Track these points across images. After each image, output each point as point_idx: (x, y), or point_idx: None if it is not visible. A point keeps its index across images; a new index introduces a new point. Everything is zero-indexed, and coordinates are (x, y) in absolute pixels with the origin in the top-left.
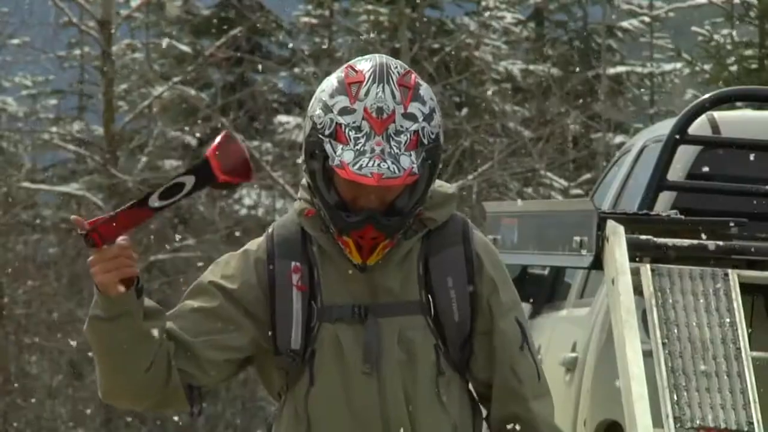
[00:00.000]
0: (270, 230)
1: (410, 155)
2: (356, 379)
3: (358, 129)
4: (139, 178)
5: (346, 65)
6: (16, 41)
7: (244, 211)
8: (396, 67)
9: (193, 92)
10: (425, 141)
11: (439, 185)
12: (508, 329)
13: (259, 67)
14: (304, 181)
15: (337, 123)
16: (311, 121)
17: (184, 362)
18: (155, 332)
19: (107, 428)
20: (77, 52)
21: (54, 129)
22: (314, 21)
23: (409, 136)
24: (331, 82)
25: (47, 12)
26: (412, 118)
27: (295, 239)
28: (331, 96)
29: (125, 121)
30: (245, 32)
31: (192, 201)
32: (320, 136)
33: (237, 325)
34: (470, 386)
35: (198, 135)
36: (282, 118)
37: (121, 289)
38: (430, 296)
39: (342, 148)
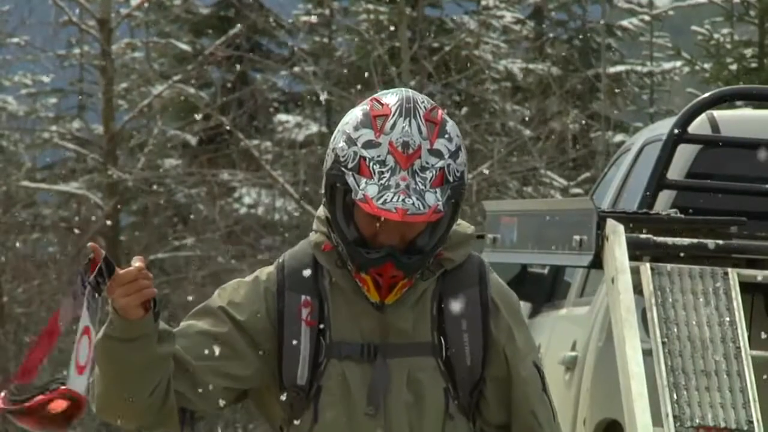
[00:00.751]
0: (281, 260)
1: (435, 192)
2: (361, 420)
3: (383, 163)
4: (138, 176)
5: (371, 98)
6: (16, 40)
7: (243, 210)
8: (422, 102)
9: (192, 91)
10: (450, 179)
11: (458, 224)
12: (528, 376)
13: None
14: (320, 212)
15: (361, 156)
16: (333, 154)
17: (182, 384)
18: (166, 357)
19: (107, 428)
20: (77, 51)
21: (54, 128)
22: (314, 20)
23: (434, 172)
24: (355, 114)
25: (47, 11)
26: (438, 154)
27: (307, 272)
28: (356, 129)
29: (125, 119)
30: (245, 31)
31: (191, 200)
32: (343, 169)
33: (242, 355)
34: (477, 429)
35: (198, 134)
36: (281, 116)
37: (141, 312)
38: (442, 338)
39: (366, 182)
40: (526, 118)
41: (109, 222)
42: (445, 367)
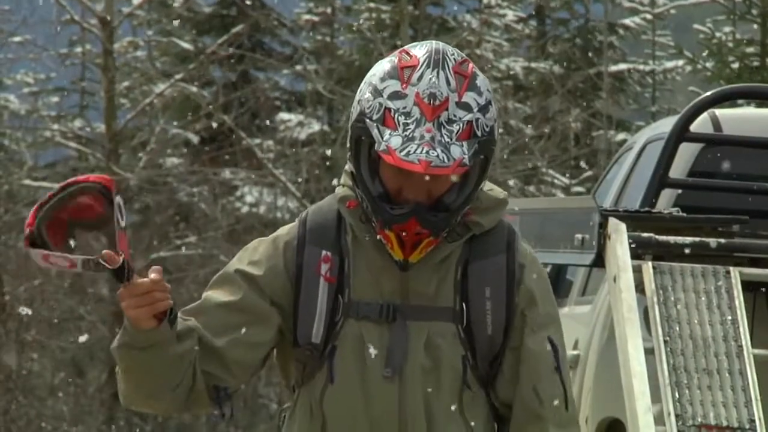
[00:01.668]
0: (304, 215)
1: (462, 145)
2: (376, 383)
3: (408, 114)
4: (140, 175)
5: (400, 50)
6: (17, 39)
7: (245, 209)
8: (453, 54)
9: (194, 90)
10: (479, 133)
11: (490, 189)
12: (537, 347)
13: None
14: (347, 166)
15: (386, 107)
16: (359, 106)
17: (209, 364)
18: (187, 353)
19: (109, 426)
20: (79, 49)
21: (55, 126)
22: (316, 18)
23: (462, 125)
24: (382, 66)
25: (49, 9)
26: (466, 107)
27: (330, 226)
28: (382, 80)
29: (127, 118)
30: (247, 30)
31: (193, 199)
32: (367, 120)
33: (262, 317)
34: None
35: (200, 132)
36: (284, 115)
37: (153, 323)
38: (464, 304)
39: (390, 133)
40: (528, 117)
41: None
42: (465, 335)
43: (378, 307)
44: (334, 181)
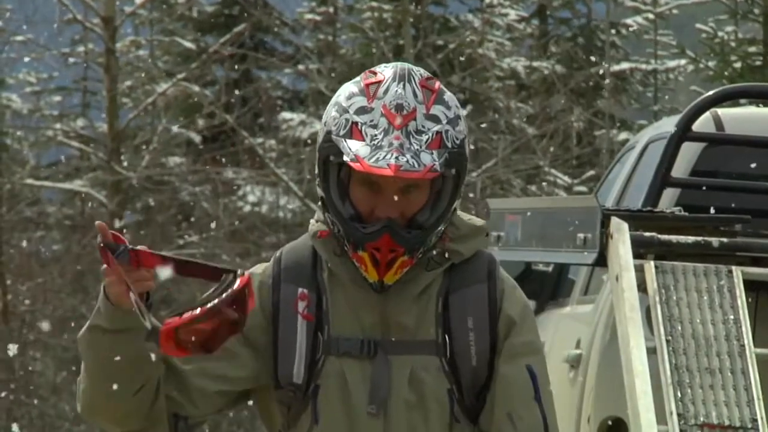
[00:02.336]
0: (278, 254)
1: (432, 153)
2: (362, 420)
3: (376, 126)
4: (142, 174)
5: (364, 72)
6: (20, 38)
7: (247, 208)
8: (418, 71)
9: (197, 89)
10: (449, 144)
11: (468, 218)
12: (511, 374)
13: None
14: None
15: (352, 122)
16: (325, 127)
17: (172, 388)
18: (154, 354)
19: None
20: (81, 49)
21: (58, 126)
22: (318, 18)
23: (431, 135)
24: (347, 87)
25: (51, 9)
26: (434, 119)
27: (306, 264)
28: (348, 98)
29: (129, 117)
30: (249, 29)
31: (195, 198)
32: (334, 137)
33: (234, 355)
34: None
35: (202, 132)
36: (286, 114)
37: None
38: (447, 336)
39: (358, 144)
40: (530, 116)
41: (115, 220)
42: (449, 368)
43: (358, 343)
44: (311, 221)
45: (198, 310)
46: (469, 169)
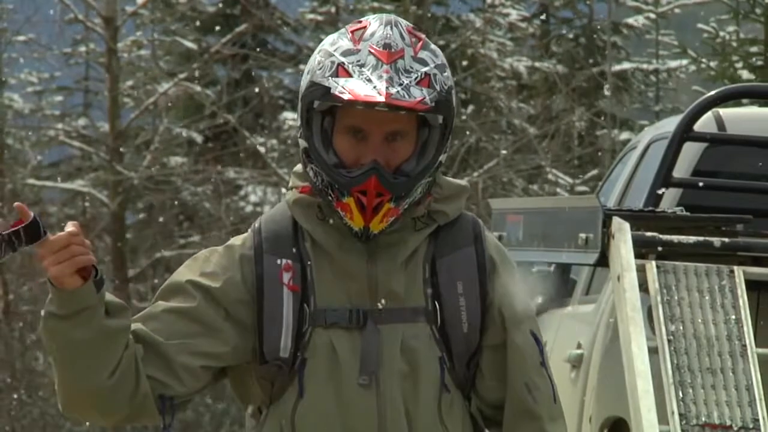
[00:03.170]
0: (257, 224)
1: (421, 90)
2: (352, 392)
3: (363, 65)
4: (144, 174)
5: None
6: (21, 38)
7: (249, 208)
8: (404, 22)
9: (198, 89)
10: (437, 87)
11: (451, 179)
12: (524, 343)
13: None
14: (297, 167)
15: (338, 63)
16: (308, 76)
17: (154, 368)
18: (119, 331)
19: (112, 426)
20: (83, 48)
21: (59, 126)
22: (320, 18)
23: (420, 75)
24: (330, 36)
25: (53, 9)
26: (422, 62)
27: (287, 234)
28: (332, 44)
29: (131, 117)
30: (251, 29)
31: (197, 198)
32: (319, 80)
33: (216, 330)
34: (473, 408)
35: (203, 132)
36: (287, 114)
37: (78, 281)
38: (436, 303)
39: (345, 80)
40: (532, 116)
41: (118, 220)
42: (440, 335)
43: (346, 313)
44: (287, 194)
45: None
46: (471, 169)
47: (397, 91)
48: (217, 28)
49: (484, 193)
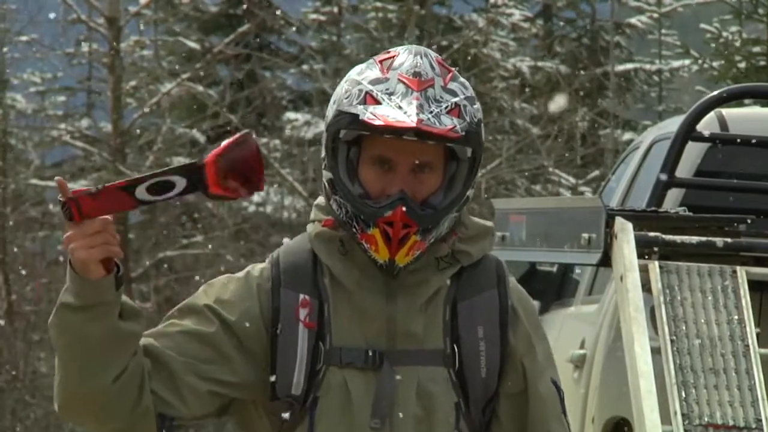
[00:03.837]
0: (275, 255)
1: (452, 119)
2: None
3: (392, 93)
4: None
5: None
6: (24, 38)
7: (252, 208)
8: (434, 54)
9: (201, 89)
10: (467, 119)
11: (477, 219)
12: (546, 393)
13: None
14: (319, 200)
15: (367, 91)
16: (334, 105)
17: (159, 384)
18: (130, 335)
19: None
20: (85, 49)
21: (62, 126)
22: (323, 18)
23: (450, 104)
24: (357, 67)
25: (55, 9)
26: (452, 93)
27: (306, 268)
28: (360, 73)
29: (134, 118)
30: (254, 29)
31: (200, 198)
32: (346, 108)
33: (228, 359)
34: None
35: (206, 132)
36: (290, 115)
37: (102, 271)
38: (455, 346)
39: (374, 107)
40: (535, 117)
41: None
42: (457, 379)
43: (363, 353)
44: (308, 226)
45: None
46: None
47: (428, 118)
48: (220, 28)
49: (487, 193)
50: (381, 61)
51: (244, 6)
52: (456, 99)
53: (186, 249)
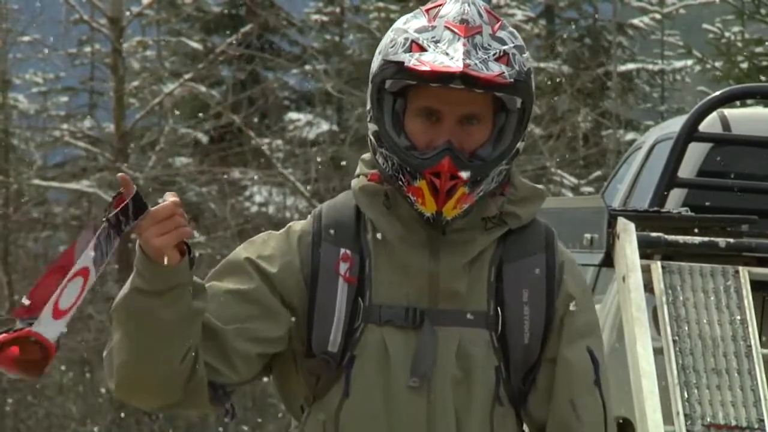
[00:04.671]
0: (318, 211)
1: (500, 66)
2: (401, 394)
3: (439, 40)
4: (149, 175)
5: None
6: (27, 38)
7: (254, 209)
8: (482, 2)
9: (203, 89)
10: (516, 67)
11: (527, 181)
12: (575, 358)
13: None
14: (365, 155)
15: (412, 39)
16: (380, 56)
17: (209, 354)
18: (199, 313)
19: (118, 425)
20: (88, 49)
21: (65, 126)
22: (325, 18)
23: (498, 52)
24: (404, 16)
25: (58, 9)
26: (500, 41)
27: (349, 223)
28: (405, 22)
29: (136, 118)
30: (256, 29)
31: (202, 199)
32: (392, 57)
33: (273, 314)
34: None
35: (209, 132)
36: (293, 115)
37: (177, 255)
38: (499, 309)
39: (420, 54)
40: (537, 117)
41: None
42: (499, 343)
43: (403, 311)
44: (353, 181)
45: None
46: None
47: (475, 64)
48: (223, 28)
49: None
50: (427, 10)
51: (247, 6)
52: (505, 47)
53: None
